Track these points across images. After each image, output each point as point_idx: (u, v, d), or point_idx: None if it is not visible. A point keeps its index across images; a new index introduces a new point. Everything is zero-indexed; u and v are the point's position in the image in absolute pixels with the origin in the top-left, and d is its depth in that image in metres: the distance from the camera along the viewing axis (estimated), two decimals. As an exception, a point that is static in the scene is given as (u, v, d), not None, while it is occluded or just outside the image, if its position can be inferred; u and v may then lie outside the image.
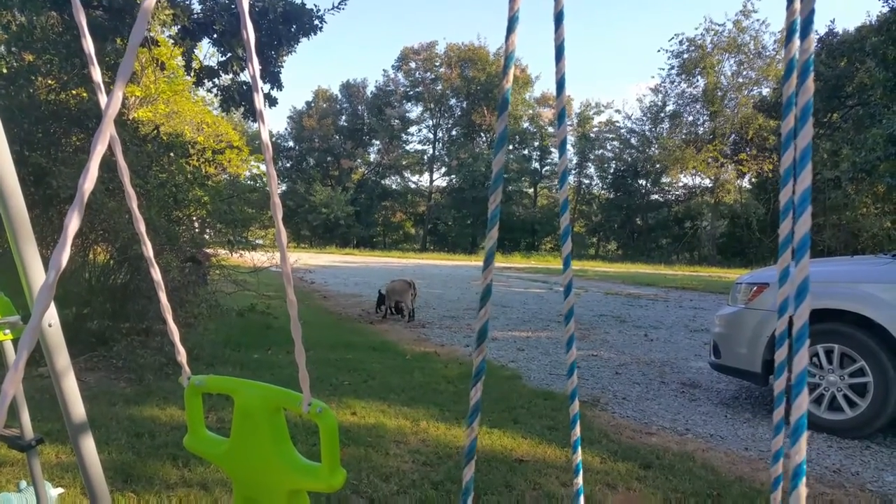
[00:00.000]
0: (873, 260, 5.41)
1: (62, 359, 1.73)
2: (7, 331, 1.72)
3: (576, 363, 1.19)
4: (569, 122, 53.93)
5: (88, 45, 1.18)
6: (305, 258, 24.80)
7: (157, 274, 1.32)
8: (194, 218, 7.16)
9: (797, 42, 0.61)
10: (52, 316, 1.64)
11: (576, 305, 12.68)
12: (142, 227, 1.31)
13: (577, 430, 1.15)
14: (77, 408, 1.77)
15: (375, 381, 5.52)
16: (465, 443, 0.95)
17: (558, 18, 0.83)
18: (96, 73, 1.19)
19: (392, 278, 10.80)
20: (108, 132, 0.82)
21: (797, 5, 0.61)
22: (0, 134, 1.49)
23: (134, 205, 1.27)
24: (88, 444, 1.82)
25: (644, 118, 48.77)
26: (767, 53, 40.75)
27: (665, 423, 4.68)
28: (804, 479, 0.65)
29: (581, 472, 1.24)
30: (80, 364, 5.34)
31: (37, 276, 1.61)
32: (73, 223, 0.78)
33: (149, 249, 1.32)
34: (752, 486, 3.42)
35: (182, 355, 1.37)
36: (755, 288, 5.04)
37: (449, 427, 4.21)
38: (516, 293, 15.46)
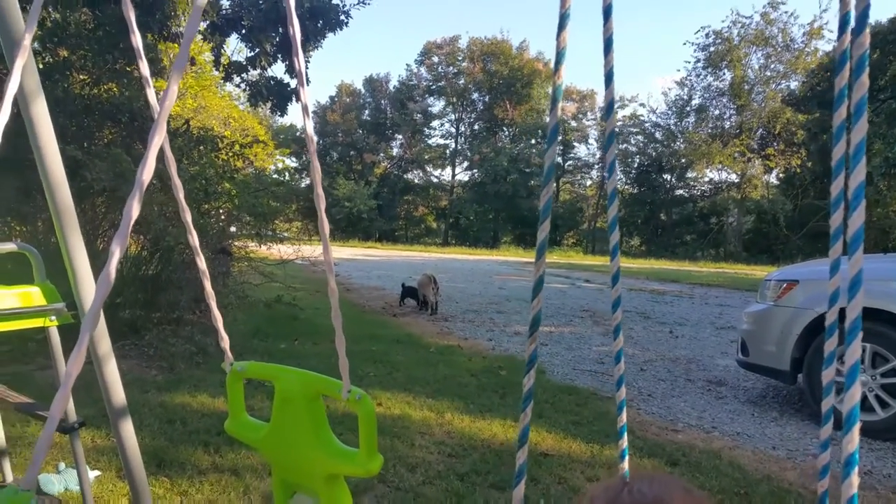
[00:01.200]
0: (907, 257, 5.32)
1: (104, 345, 1.78)
2: (53, 317, 1.78)
3: (624, 376, 1.17)
4: (592, 117, 53.49)
5: (137, 40, 1.21)
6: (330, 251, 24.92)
7: (202, 262, 1.36)
8: (222, 211, 7.26)
9: (848, 36, 0.61)
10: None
11: (599, 301, 12.64)
12: (188, 217, 1.35)
13: (625, 441, 1.15)
14: (118, 393, 1.82)
15: (400, 373, 5.56)
16: (520, 427, 0.97)
17: (607, 12, 0.84)
18: (144, 68, 1.22)
19: (418, 272, 10.89)
20: (164, 125, 0.85)
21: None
22: (48, 128, 1.54)
23: (181, 195, 1.31)
24: (128, 429, 1.88)
25: (669, 112, 48.14)
26: (796, 46, 39.96)
27: (691, 421, 4.66)
28: (856, 468, 0.65)
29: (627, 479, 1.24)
30: (114, 352, 5.45)
31: (81, 264, 1.66)
32: (134, 211, 0.82)
33: (195, 239, 1.35)
34: (780, 486, 3.39)
35: (225, 341, 1.41)
36: (784, 285, 4.98)
37: (473, 420, 4.23)
38: (539, 288, 15.39)
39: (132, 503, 1.85)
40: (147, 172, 0.83)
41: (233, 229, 7.71)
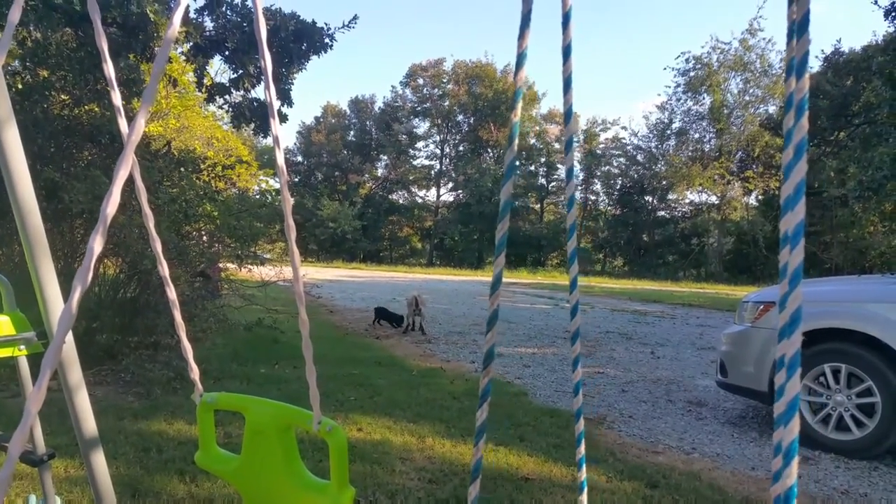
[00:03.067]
0: (880, 279, 5.41)
1: (75, 374, 1.75)
2: (22, 346, 1.75)
3: (581, 382, 1.23)
4: (575, 140, 54.10)
5: (109, 69, 1.22)
6: (312, 272, 24.85)
7: (172, 293, 1.35)
8: (203, 232, 7.21)
9: (794, 80, 0.63)
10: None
11: (582, 322, 12.66)
12: (158, 246, 1.34)
13: (583, 448, 1.18)
14: (89, 423, 1.79)
15: (381, 396, 5.52)
16: (472, 462, 0.97)
17: (566, 20, 0.86)
18: (116, 98, 1.23)
19: (402, 293, 10.92)
20: (130, 158, 0.85)
21: (794, 43, 0.64)
22: (18, 151, 1.53)
23: (151, 224, 1.30)
24: (99, 459, 1.84)
25: (650, 135, 48.83)
26: (774, 72, 40.80)
27: (672, 442, 4.66)
28: (795, 501, 0.67)
29: (585, 490, 1.27)
30: (89, 378, 5.37)
31: (52, 291, 1.64)
32: (97, 245, 0.82)
33: (165, 269, 1.35)
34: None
35: (195, 373, 1.40)
36: (762, 307, 5.04)
37: (455, 444, 4.20)
38: (522, 309, 15.43)
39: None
40: (112, 206, 0.83)
41: (213, 251, 7.65)
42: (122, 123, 1.23)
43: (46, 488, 1.88)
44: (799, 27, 0.65)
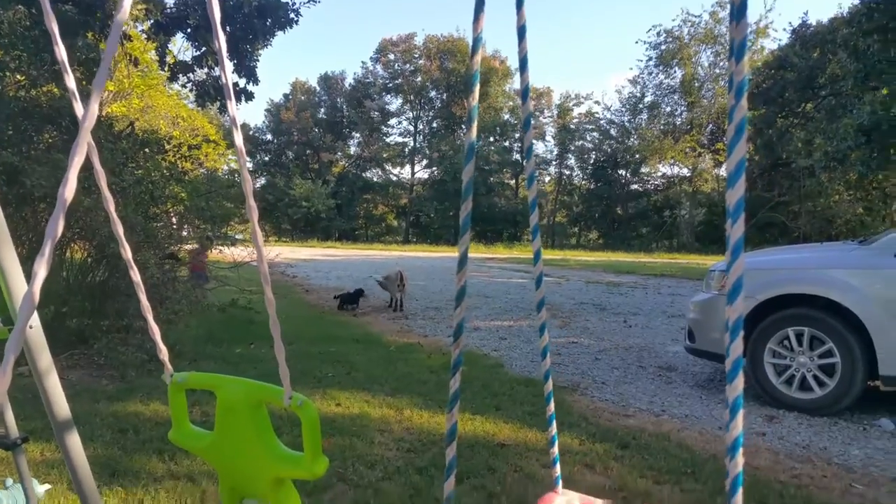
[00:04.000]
0: (842, 246, 5.56)
1: (44, 359, 1.75)
2: (-11, 332, 1.74)
3: (548, 347, 1.29)
4: (549, 114, 54.10)
5: (61, 52, 1.20)
6: (287, 252, 24.68)
7: (136, 275, 1.36)
8: (172, 214, 7.13)
9: (734, 63, 0.67)
10: (33, 318, 1.67)
11: (557, 294, 12.84)
12: (120, 229, 1.34)
13: (552, 406, 1.24)
14: (61, 406, 1.80)
15: (359, 372, 5.57)
16: (447, 426, 1.02)
17: (519, 2, 0.90)
18: (70, 81, 1.22)
19: (379, 271, 10.88)
20: (84, 144, 0.87)
21: (734, 26, 0.67)
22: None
23: (111, 207, 1.31)
24: (74, 441, 1.86)
25: (623, 109, 49.13)
26: (743, 43, 41.14)
27: (642, 406, 4.80)
28: (741, 451, 0.73)
29: (556, 444, 1.33)
30: (62, 362, 5.33)
31: (15, 278, 1.64)
32: (57, 230, 0.83)
33: (127, 252, 1.35)
34: (725, 463, 3.52)
35: (164, 353, 1.41)
36: (727, 275, 5.16)
37: (433, 415, 4.27)
38: (499, 283, 15.56)
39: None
40: (69, 191, 0.84)
41: (184, 233, 7.58)
42: (78, 107, 1.22)
43: (22, 470, 1.89)
44: (738, 11, 0.68)
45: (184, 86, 7.69)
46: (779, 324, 4.79)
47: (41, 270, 0.80)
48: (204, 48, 6.98)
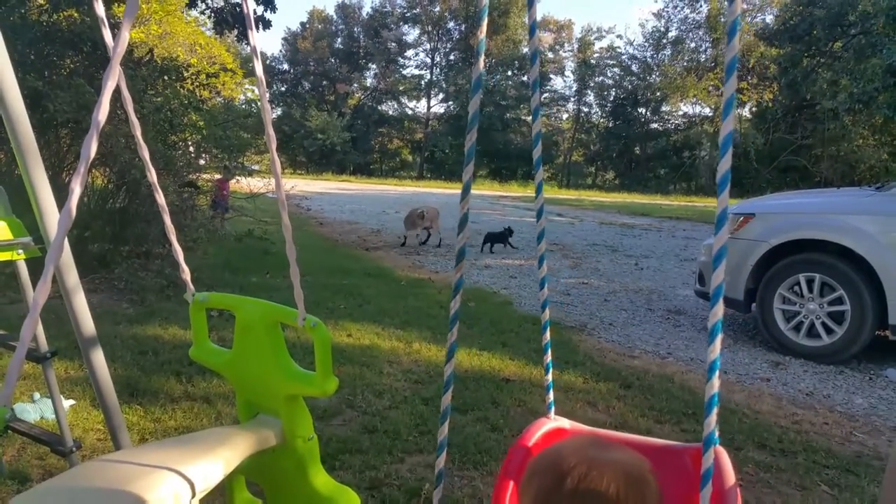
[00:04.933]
0: (858, 192, 5.50)
1: (72, 277, 1.84)
2: (20, 251, 1.82)
3: (546, 278, 1.35)
4: (569, 48, 52.57)
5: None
6: (301, 185, 24.69)
7: (161, 198, 1.42)
8: (189, 143, 7.16)
9: (727, 6, 0.69)
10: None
11: (570, 235, 12.84)
12: (146, 153, 1.39)
13: (548, 335, 1.31)
14: (87, 323, 1.89)
15: (370, 305, 5.69)
16: (448, 343, 1.09)
17: None
18: (100, 8, 1.24)
19: (392, 207, 10.89)
20: (117, 69, 0.90)
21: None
22: (5, 61, 1.55)
23: (138, 132, 1.35)
24: (98, 358, 1.96)
25: (646, 44, 47.63)
26: (774, -22, 39.50)
27: (648, 348, 4.88)
28: (717, 373, 0.78)
29: (550, 371, 1.40)
30: (84, 285, 5.46)
31: (46, 197, 1.69)
32: (90, 151, 0.87)
33: (153, 175, 1.40)
34: (727, 407, 3.62)
35: (186, 273, 1.48)
36: (742, 218, 5.15)
37: (441, 349, 4.38)
38: (511, 222, 15.55)
39: (107, 428, 1.95)
40: (102, 114, 0.88)
41: (201, 162, 7.62)
42: (107, 34, 1.25)
43: (50, 382, 2.00)
44: None
45: (202, 13, 7.57)
46: (790, 269, 4.79)
47: (77, 187, 0.85)
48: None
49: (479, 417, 3.22)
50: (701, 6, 42.98)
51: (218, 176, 8.37)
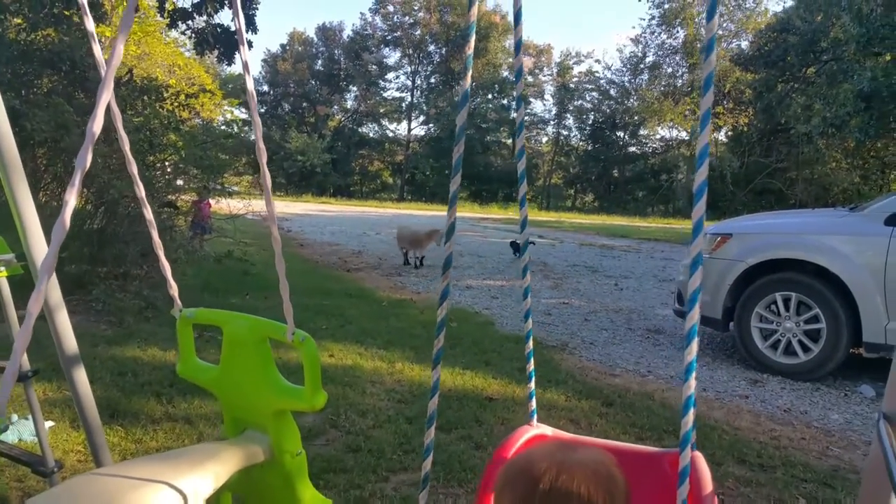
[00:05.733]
0: (832, 212, 5.64)
1: (55, 296, 1.82)
2: (2, 268, 1.80)
3: (531, 310, 1.38)
4: (548, 72, 53.31)
5: (81, -5, 1.24)
6: (281, 206, 24.62)
7: (149, 213, 1.42)
8: (167, 164, 7.12)
9: (705, 22, 0.73)
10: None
11: (550, 256, 12.93)
12: (134, 169, 1.40)
13: (531, 344, 1.35)
14: (69, 342, 1.87)
15: (352, 325, 5.67)
16: (434, 350, 1.11)
17: None
18: (90, 23, 1.26)
19: (373, 228, 10.90)
20: (111, 82, 0.91)
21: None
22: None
23: (127, 147, 1.36)
24: (81, 375, 1.93)
25: (624, 69, 48.52)
26: (747, 6, 40.56)
27: (629, 366, 4.92)
28: (693, 374, 0.81)
29: (533, 379, 1.42)
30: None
31: (29, 215, 1.68)
32: (86, 162, 0.88)
33: (141, 190, 1.41)
34: (707, 423, 3.65)
35: (174, 289, 1.48)
36: (719, 238, 5.24)
37: (424, 368, 4.38)
38: (492, 243, 15.63)
39: (89, 447, 1.92)
40: (97, 125, 0.89)
41: (179, 182, 7.57)
42: (97, 49, 1.27)
43: (32, 401, 1.97)
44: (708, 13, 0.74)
45: (183, 33, 7.60)
46: (767, 288, 4.88)
47: (71, 199, 0.86)
48: (203, -6, 6.88)
49: (462, 436, 3.22)
50: (678, 32, 44.00)
51: (196, 197, 8.32)
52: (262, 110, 56.50)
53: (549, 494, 0.86)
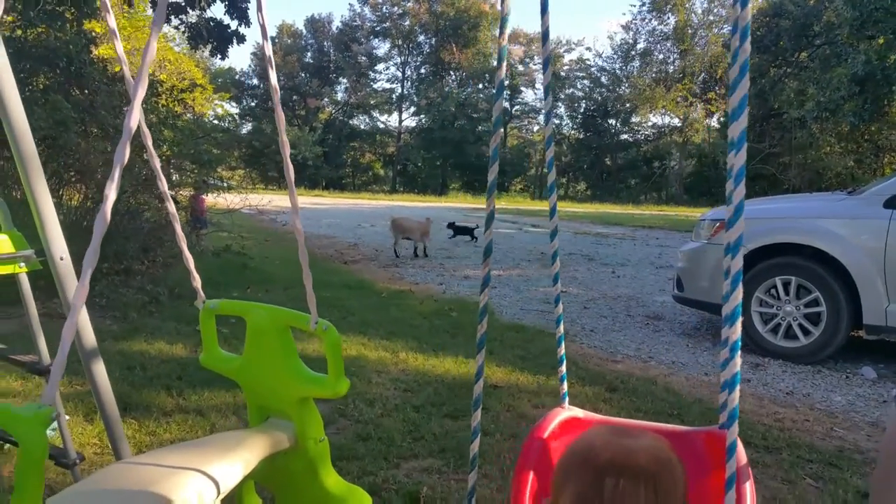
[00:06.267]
0: (830, 196, 5.68)
1: (73, 289, 1.83)
2: (22, 264, 1.82)
3: (560, 295, 1.40)
4: (539, 61, 53.17)
5: (105, -5, 1.25)
6: (276, 200, 24.55)
7: (172, 207, 1.44)
8: (163, 159, 7.10)
9: (738, 8, 0.75)
10: (63, 250, 1.74)
11: (546, 244, 12.97)
12: (156, 163, 1.41)
13: (561, 329, 1.36)
14: (88, 335, 1.89)
15: (354, 317, 5.69)
16: (477, 336, 1.14)
17: None
18: (112, 20, 1.27)
19: (367, 220, 10.91)
20: (145, 77, 0.93)
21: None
22: (9, 77, 1.56)
23: (149, 142, 1.37)
24: (100, 368, 1.96)
25: (615, 56, 48.53)
26: (739, -10, 40.56)
27: (630, 352, 4.97)
28: (738, 353, 0.83)
29: (564, 362, 1.45)
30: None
31: (48, 211, 1.70)
32: (124, 157, 0.90)
33: (164, 184, 1.43)
34: (711, 407, 3.69)
35: (197, 281, 1.50)
36: (717, 224, 5.28)
37: (427, 358, 4.41)
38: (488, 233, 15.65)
39: (108, 439, 1.95)
40: (133, 120, 0.91)
41: (175, 177, 7.56)
42: (118, 46, 1.28)
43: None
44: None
45: (176, 28, 7.55)
46: (767, 272, 4.92)
47: (111, 193, 0.87)
48: (197, -12, 6.84)
49: (469, 423, 3.25)
50: (668, 18, 43.98)
51: (193, 192, 8.32)
52: (253, 104, 56.46)
53: (617, 482, 0.88)
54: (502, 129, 1.15)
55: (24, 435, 0.84)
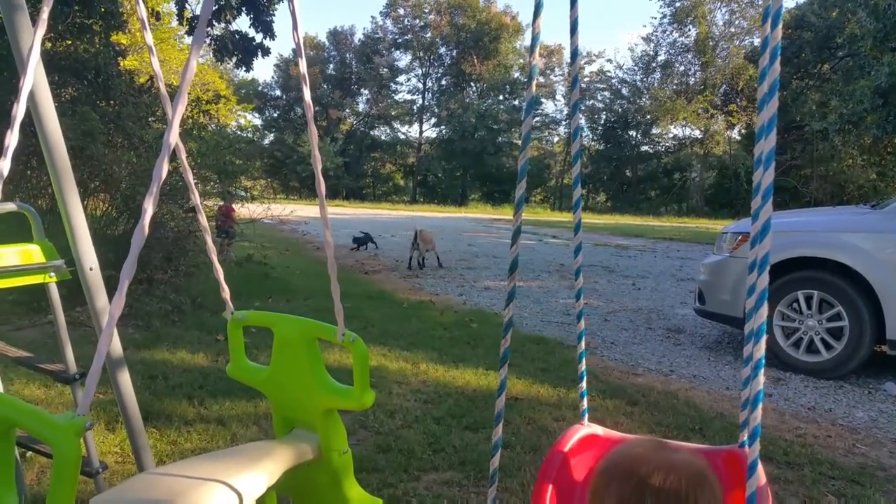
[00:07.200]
0: (853, 210, 5.61)
1: (101, 299, 1.88)
2: (52, 273, 1.86)
3: (583, 311, 1.41)
4: (559, 72, 53.26)
5: (142, 11, 1.29)
6: (296, 210, 24.76)
7: (203, 219, 1.47)
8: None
9: (769, 27, 0.75)
10: (93, 260, 1.78)
11: (566, 256, 12.93)
12: (190, 176, 1.44)
13: (582, 344, 1.37)
14: (115, 345, 1.93)
15: (375, 328, 5.71)
16: (500, 350, 1.15)
17: None
18: (149, 37, 1.30)
19: (387, 231, 10.95)
20: (185, 94, 0.95)
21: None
22: (45, 89, 1.60)
23: (183, 156, 1.40)
24: (125, 378, 2.00)
25: (635, 68, 48.38)
26: (759, 3, 40.20)
27: (651, 366, 4.93)
28: (762, 371, 0.83)
29: (584, 379, 1.44)
30: (88, 312, 5.48)
31: (79, 221, 1.74)
32: (162, 173, 0.93)
33: (196, 197, 1.45)
34: (732, 422, 3.65)
35: (226, 292, 1.53)
36: (739, 237, 5.23)
37: (447, 369, 4.42)
38: (507, 244, 15.63)
39: (132, 448, 1.98)
40: (173, 136, 0.94)
41: (198, 188, 7.67)
42: (155, 62, 1.31)
43: (79, 403, 2.01)
44: (773, 21, 0.76)
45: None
46: (789, 286, 4.86)
47: (150, 207, 0.90)
48: (223, 1, 6.96)
49: (490, 436, 3.24)
50: (689, 30, 43.78)
51: (221, 202, 8.41)
52: (275, 115, 57.13)
53: (659, 494, 0.91)
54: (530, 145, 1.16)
55: (59, 444, 0.86)
